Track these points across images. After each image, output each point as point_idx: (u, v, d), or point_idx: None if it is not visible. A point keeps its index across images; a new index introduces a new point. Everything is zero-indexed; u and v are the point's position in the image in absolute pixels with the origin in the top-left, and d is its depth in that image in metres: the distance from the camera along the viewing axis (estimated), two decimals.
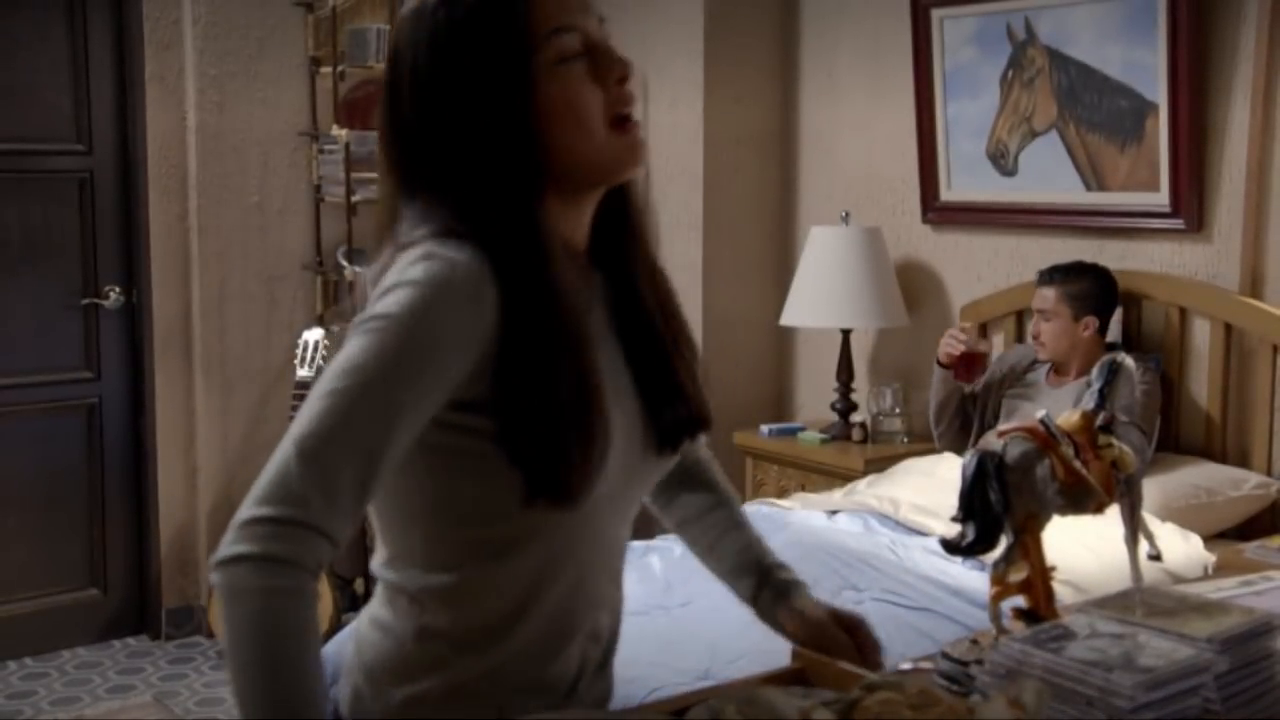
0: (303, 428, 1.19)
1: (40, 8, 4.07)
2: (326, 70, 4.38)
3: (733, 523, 1.62)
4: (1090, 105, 3.59)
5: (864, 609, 2.71)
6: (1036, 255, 3.72)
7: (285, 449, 1.19)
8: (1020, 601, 1.57)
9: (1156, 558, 1.80)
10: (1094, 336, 3.35)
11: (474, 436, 1.27)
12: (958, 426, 3.66)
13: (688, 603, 2.84)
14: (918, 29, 3.93)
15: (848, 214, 4.11)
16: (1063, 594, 1.86)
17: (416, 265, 1.24)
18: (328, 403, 1.20)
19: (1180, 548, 2.93)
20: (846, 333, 4.07)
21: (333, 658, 1.70)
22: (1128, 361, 1.75)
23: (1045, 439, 1.55)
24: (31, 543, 4.19)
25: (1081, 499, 1.55)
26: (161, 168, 4.21)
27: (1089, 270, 3.42)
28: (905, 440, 3.96)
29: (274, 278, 4.40)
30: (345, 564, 4.25)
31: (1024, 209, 3.80)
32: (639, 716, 1.47)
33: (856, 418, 4.04)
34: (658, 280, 1.44)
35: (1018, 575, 1.55)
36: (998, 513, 1.53)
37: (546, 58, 1.30)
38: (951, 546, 1.57)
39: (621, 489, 1.38)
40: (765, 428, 4.16)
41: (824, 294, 3.98)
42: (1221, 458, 3.35)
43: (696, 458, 1.63)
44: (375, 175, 2.34)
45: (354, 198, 4.31)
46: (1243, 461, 3.33)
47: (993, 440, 1.57)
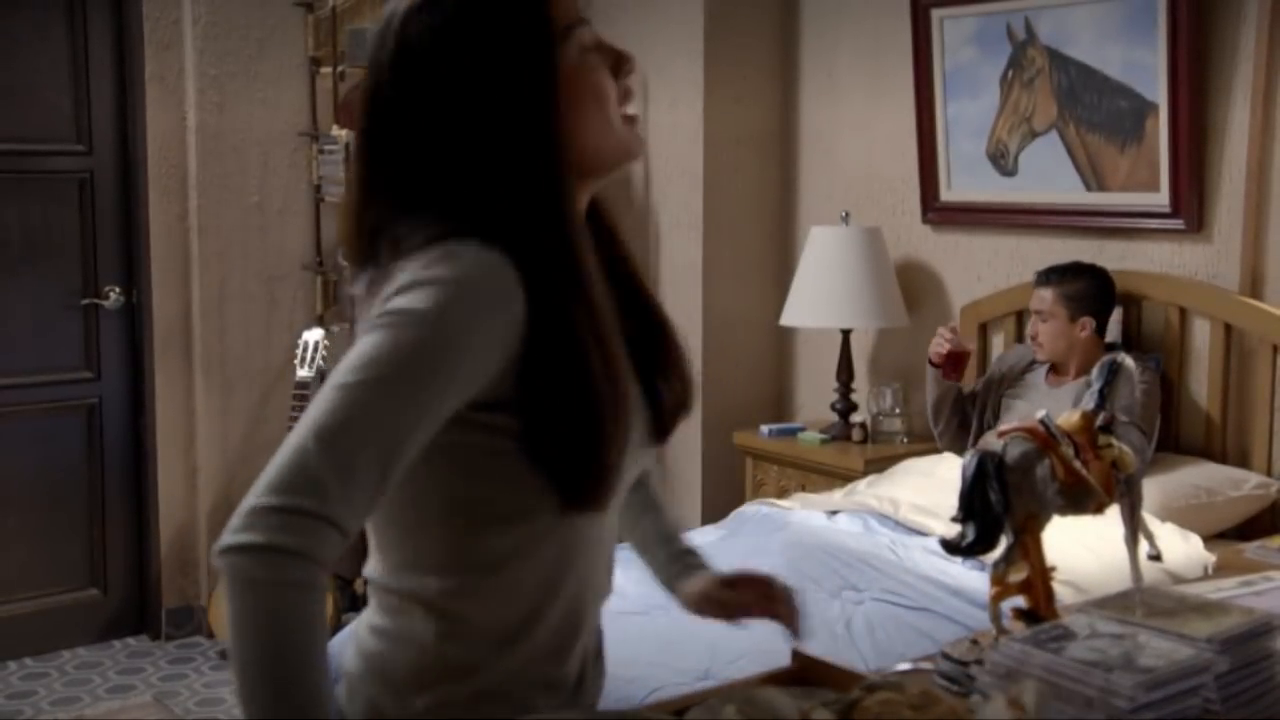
0: (321, 417, 1.16)
1: (40, 8, 4.06)
2: (326, 70, 4.38)
3: (652, 504, 1.64)
4: (1090, 105, 3.59)
5: (864, 609, 2.73)
6: (1036, 255, 3.72)
7: (301, 437, 1.15)
8: (1020, 602, 1.57)
9: (1156, 558, 1.80)
10: (1091, 337, 3.36)
11: (496, 435, 1.25)
12: (956, 425, 3.66)
13: None
14: (918, 29, 3.93)
15: (848, 214, 4.11)
16: (1063, 594, 1.86)
17: (440, 263, 1.21)
18: (348, 394, 1.16)
19: (1180, 548, 2.93)
20: (846, 333, 4.07)
21: (334, 658, 1.70)
22: (1128, 362, 1.75)
23: (1045, 439, 1.55)
24: (31, 543, 4.19)
25: (1081, 499, 1.55)
26: (161, 168, 4.21)
27: (1086, 271, 3.42)
28: (905, 440, 3.96)
29: (274, 278, 4.40)
30: (346, 564, 4.25)
31: (1024, 209, 3.80)
32: (639, 716, 1.47)
33: (856, 418, 4.04)
34: (634, 265, 1.45)
35: (1018, 575, 1.55)
36: (998, 513, 1.53)
37: (570, 48, 1.30)
38: (951, 547, 1.58)
39: (627, 478, 1.37)
40: (765, 428, 4.16)
41: (824, 294, 3.98)
42: (1221, 458, 3.35)
43: None
44: None
45: None
46: (1243, 461, 3.33)
47: (993, 440, 1.57)
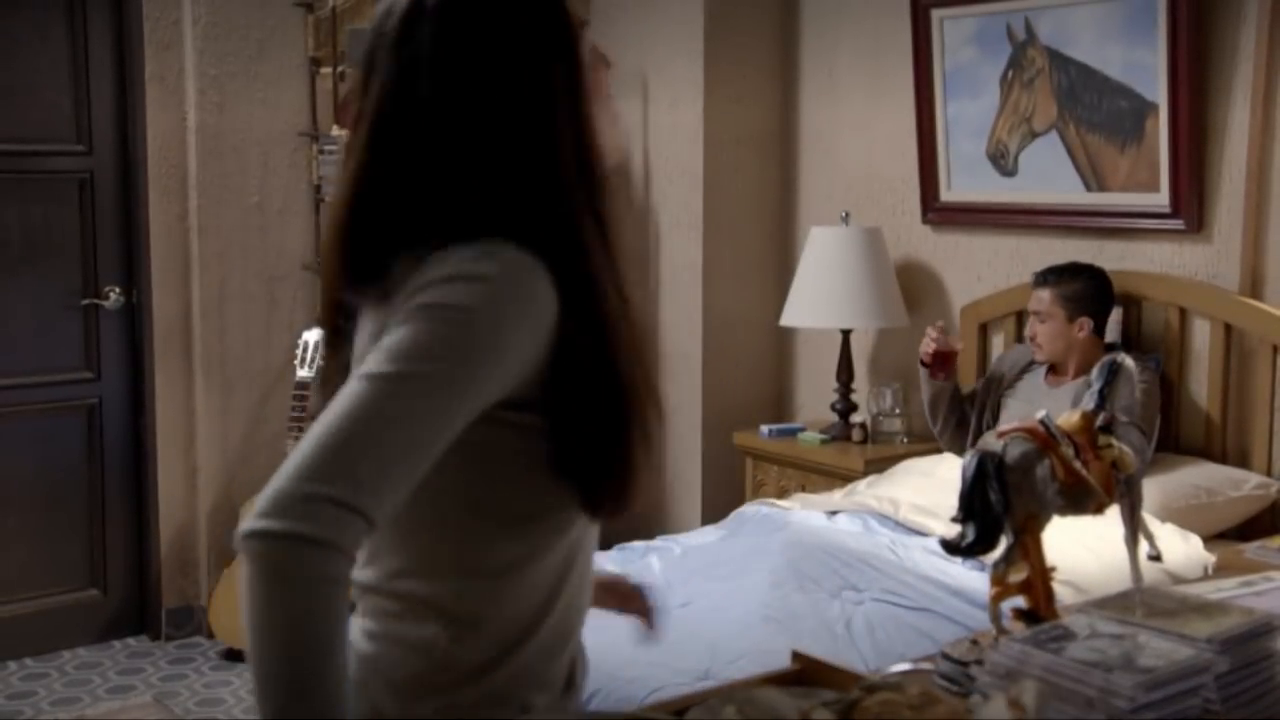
0: (359, 406, 1.13)
1: (40, 8, 4.06)
2: (326, 70, 4.37)
3: None
4: (1090, 105, 3.59)
5: (864, 609, 2.73)
6: (1036, 256, 3.72)
7: (338, 423, 1.13)
8: (1020, 602, 1.57)
9: (1156, 558, 1.80)
10: (1090, 337, 3.36)
11: (523, 435, 1.24)
12: (954, 424, 3.66)
13: (688, 603, 2.84)
14: (918, 29, 3.93)
15: (848, 214, 4.11)
16: (1063, 594, 1.86)
17: (480, 260, 1.20)
18: (387, 385, 1.14)
19: (1180, 548, 2.93)
20: (846, 333, 4.07)
21: None
22: (1128, 362, 1.75)
23: (1045, 439, 1.55)
24: (31, 543, 4.19)
25: (1081, 499, 1.56)
26: (161, 168, 4.21)
27: (1083, 271, 3.43)
28: (905, 440, 3.96)
29: (274, 278, 4.39)
30: None
31: (1024, 209, 3.80)
32: (639, 716, 1.47)
33: (856, 418, 4.03)
34: None
35: (1018, 575, 1.55)
36: (998, 513, 1.53)
37: (583, 46, 1.30)
38: (951, 547, 1.58)
39: None
40: (765, 428, 4.16)
41: (824, 294, 3.98)
42: (1221, 458, 3.35)
43: None
44: None
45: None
46: (1243, 462, 3.32)
47: (993, 441, 1.57)
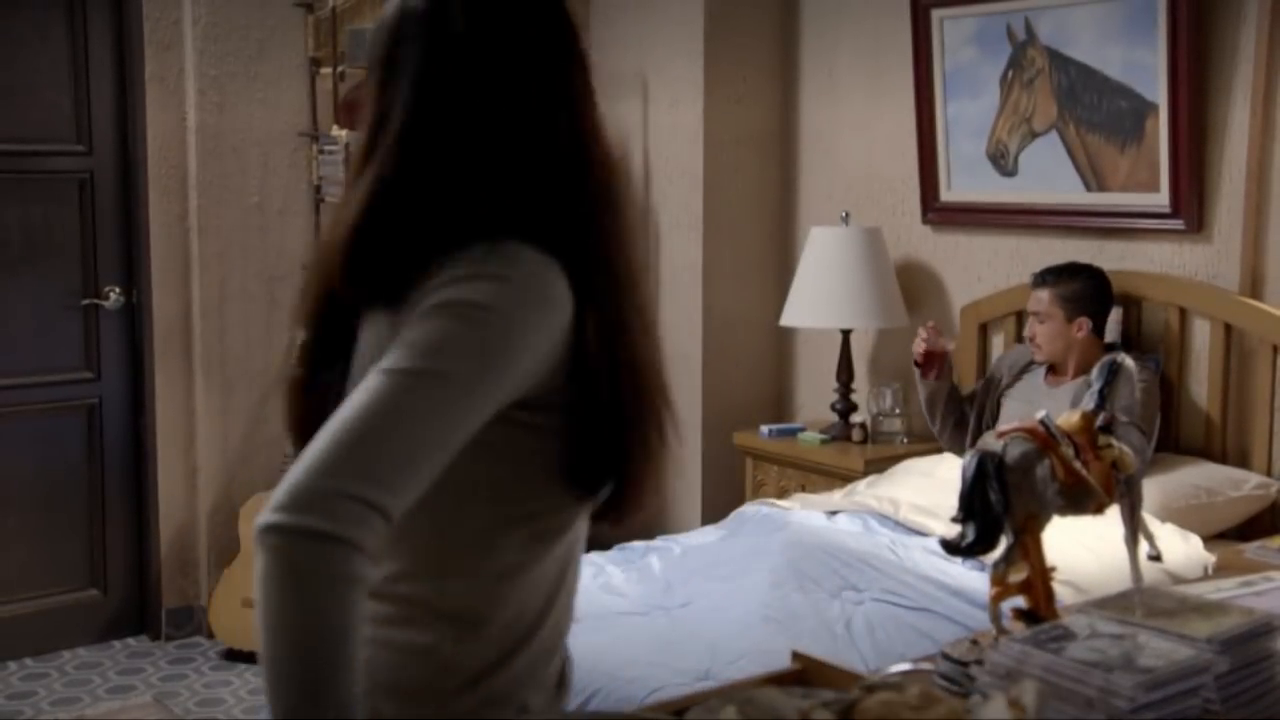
0: (382, 401, 1.12)
1: (40, 8, 4.06)
2: (326, 71, 4.37)
3: None
4: (1090, 105, 3.59)
5: (864, 609, 2.73)
6: (1036, 256, 3.72)
7: (361, 418, 1.12)
8: (1020, 602, 1.57)
9: (1156, 558, 1.80)
10: (1089, 337, 3.36)
11: (534, 434, 1.24)
12: (953, 424, 3.67)
13: (688, 603, 2.84)
14: (918, 29, 3.93)
15: (848, 214, 4.11)
16: (1063, 594, 1.86)
17: (500, 260, 1.21)
18: (410, 382, 1.14)
19: (1180, 548, 2.93)
20: (846, 333, 4.07)
21: None
22: (1128, 362, 1.75)
23: (1045, 439, 1.55)
24: (31, 543, 4.19)
25: (1081, 499, 1.56)
26: (161, 168, 4.21)
27: (1081, 271, 3.42)
28: (905, 441, 3.96)
29: (274, 278, 4.39)
30: None
31: (1024, 209, 3.80)
32: (639, 717, 1.47)
33: (856, 418, 4.03)
34: None
35: (1018, 576, 1.55)
36: (998, 513, 1.53)
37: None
38: (951, 547, 1.58)
39: None
40: (765, 428, 4.16)
41: (824, 294, 3.98)
42: (1221, 458, 3.35)
43: None
44: None
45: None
46: (1243, 462, 3.32)
47: (993, 441, 1.57)
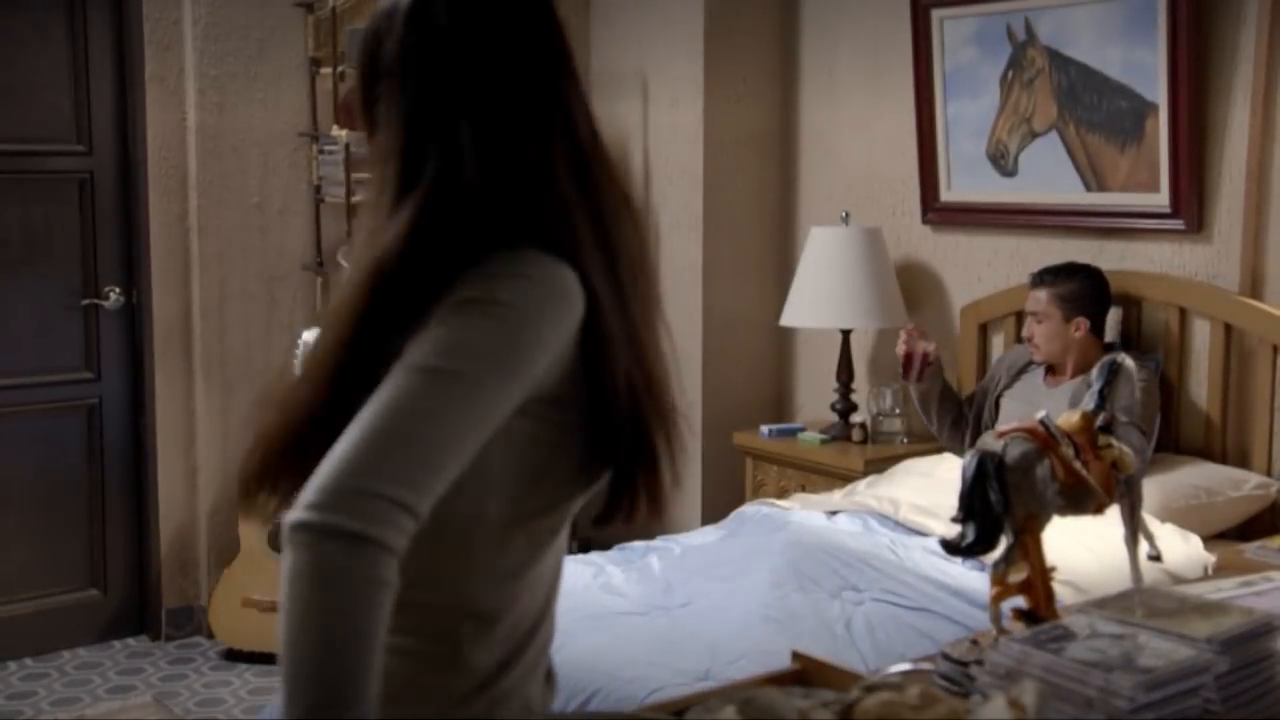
0: (412, 400, 1.13)
1: (40, 8, 4.06)
2: (326, 71, 4.37)
3: None
4: (1090, 106, 3.59)
5: (864, 609, 2.73)
6: (1036, 256, 3.72)
7: (392, 416, 1.12)
8: (1020, 602, 1.57)
9: (1156, 558, 1.80)
10: (1087, 336, 3.36)
11: (551, 429, 1.25)
12: (950, 423, 3.68)
13: (688, 603, 2.84)
14: (918, 29, 3.93)
15: (848, 214, 4.11)
16: (1063, 594, 1.86)
17: (519, 260, 1.21)
18: (439, 380, 1.14)
19: (1180, 548, 2.93)
20: (846, 333, 4.07)
21: None
22: (1128, 362, 1.75)
23: (1045, 439, 1.55)
24: (31, 543, 4.19)
25: (1081, 499, 1.56)
26: (161, 168, 4.21)
27: (1079, 271, 3.42)
28: (905, 441, 3.96)
29: (274, 278, 4.39)
30: None
31: (1024, 209, 3.80)
32: (639, 717, 1.47)
33: (856, 418, 4.03)
34: None
35: (1018, 576, 1.55)
36: (998, 513, 1.53)
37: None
38: (951, 547, 1.58)
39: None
40: (765, 428, 4.16)
41: (824, 294, 3.98)
42: (1221, 458, 3.35)
43: None
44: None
45: (354, 198, 4.30)
46: (1243, 462, 3.32)
47: (993, 441, 1.57)
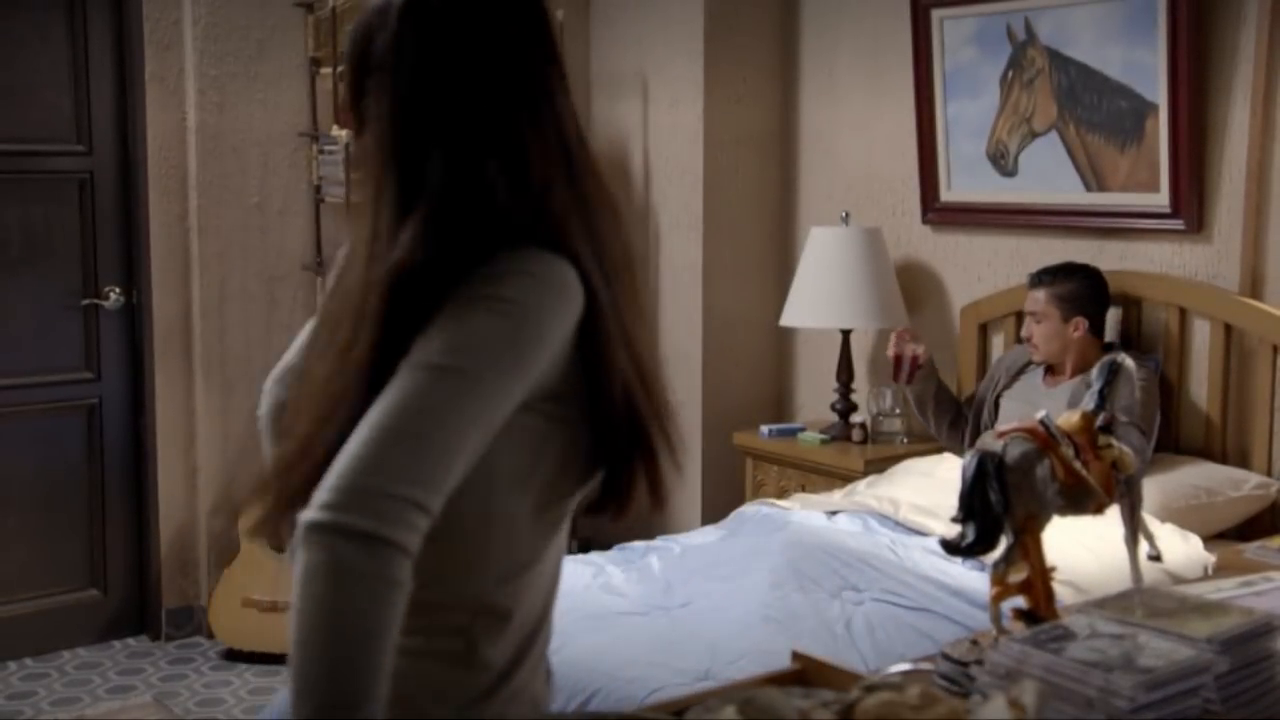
0: (424, 398, 1.13)
1: (40, 8, 4.06)
2: (326, 71, 4.37)
3: None
4: (1090, 106, 3.59)
5: (864, 609, 2.73)
6: (1036, 256, 3.72)
7: (405, 415, 1.12)
8: (1020, 602, 1.57)
9: (1156, 558, 1.80)
10: (1085, 336, 3.36)
11: (556, 423, 1.25)
12: (948, 424, 3.68)
13: (688, 603, 2.84)
14: (918, 29, 3.93)
15: (848, 214, 4.11)
16: (1063, 594, 1.86)
17: (524, 257, 1.22)
18: (452, 379, 1.15)
19: (1180, 548, 2.93)
20: (846, 333, 4.07)
21: None
22: (1128, 362, 1.75)
23: (1045, 439, 1.55)
24: (31, 543, 4.19)
25: (1081, 499, 1.55)
26: (161, 168, 4.21)
27: (1077, 271, 3.42)
28: (905, 441, 3.96)
29: (274, 278, 4.39)
30: None
31: (1024, 209, 3.80)
32: (639, 716, 1.47)
33: (856, 418, 4.03)
34: None
35: (1018, 576, 1.55)
36: (998, 513, 1.53)
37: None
38: (951, 547, 1.58)
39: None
40: (765, 428, 4.16)
41: (824, 294, 3.98)
42: (1221, 458, 3.35)
43: None
44: None
45: (354, 198, 4.31)
46: (1243, 462, 3.32)
47: (993, 441, 1.57)
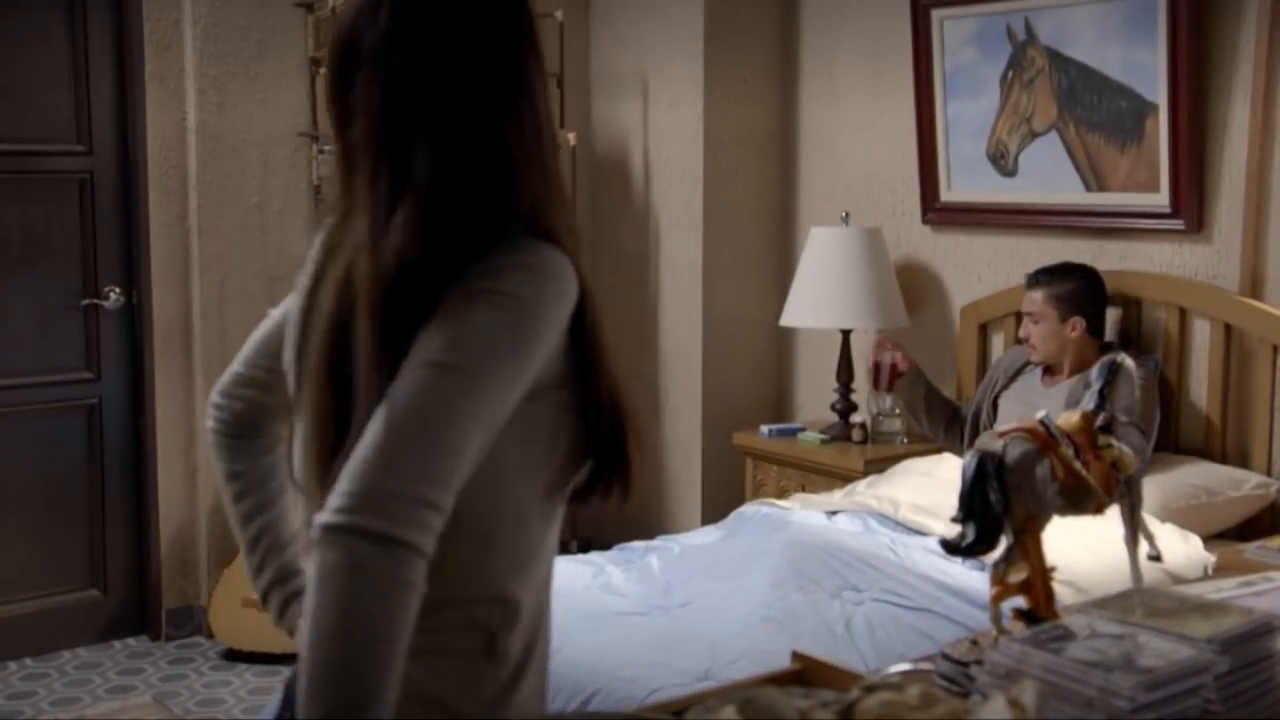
0: (432, 395, 1.14)
1: (40, 8, 4.06)
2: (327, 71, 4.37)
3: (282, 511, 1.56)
4: (1090, 106, 3.59)
5: (864, 609, 2.73)
6: (1036, 256, 3.72)
7: (417, 414, 1.13)
8: (1020, 602, 1.57)
9: (1156, 558, 1.80)
10: (1083, 336, 3.36)
11: (556, 411, 1.26)
12: (944, 427, 3.69)
13: (688, 603, 2.84)
14: (918, 29, 3.93)
15: (848, 214, 4.11)
16: (1063, 594, 1.86)
17: (523, 251, 1.23)
18: (461, 376, 1.15)
19: (1180, 548, 2.93)
20: (846, 333, 4.07)
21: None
22: (1128, 362, 1.75)
23: (1045, 439, 1.55)
24: (31, 543, 4.19)
25: (1081, 499, 1.55)
26: (161, 168, 4.21)
27: (1074, 271, 3.42)
28: (905, 441, 3.96)
29: (274, 278, 4.39)
30: None
31: (1024, 209, 3.80)
32: (639, 716, 1.47)
33: (856, 418, 4.03)
34: None
35: (1018, 576, 1.55)
36: (998, 513, 1.53)
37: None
38: (951, 547, 1.58)
39: None
40: (765, 428, 4.16)
41: (824, 294, 3.98)
42: (1221, 458, 3.35)
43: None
44: None
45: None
46: (1243, 461, 3.32)
47: (993, 441, 1.57)
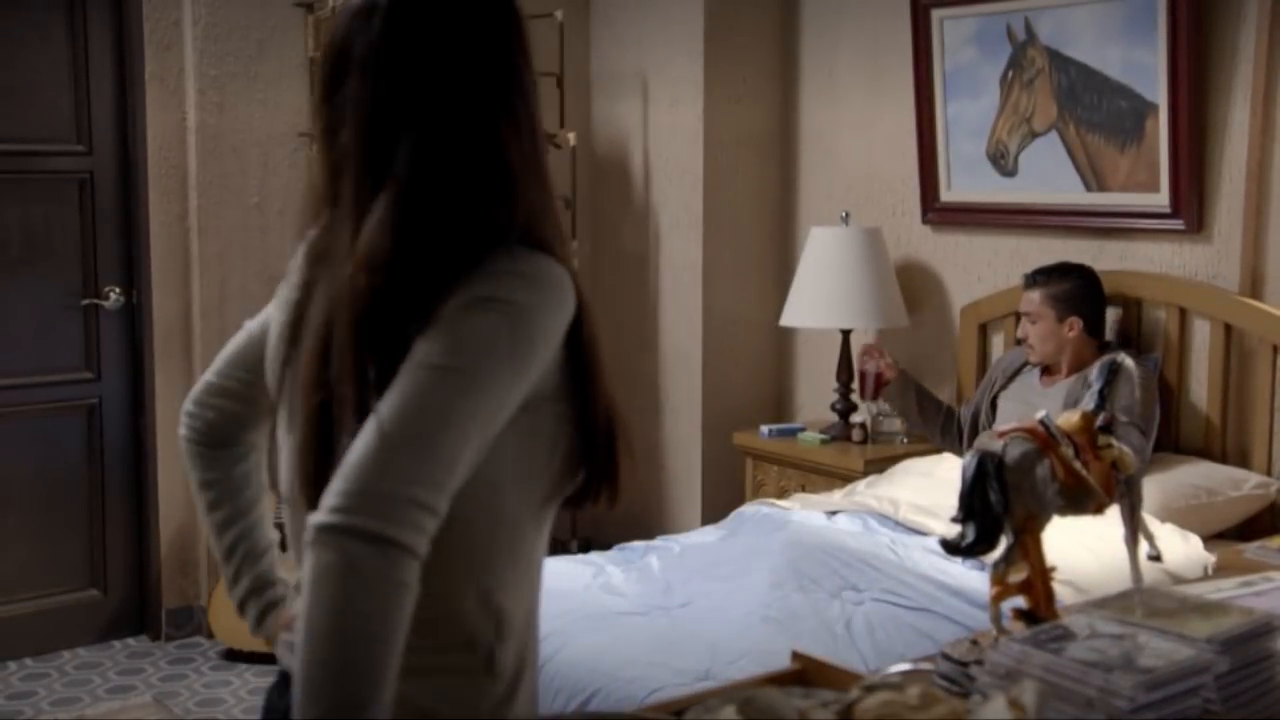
0: (430, 398, 1.14)
1: (40, 8, 4.06)
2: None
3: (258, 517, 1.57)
4: (1090, 106, 3.59)
5: (864, 609, 2.73)
6: (1036, 256, 3.72)
7: (415, 417, 1.13)
8: (1020, 602, 1.57)
9: (1156, 558, 1.80)
10: (1080, 336, 3.36)
11: (551, 420, 1.26)
12: (939, 429, 3.70)
13: (688, 603, 2.84)
14: (918, 29, 3.93)
15: (848, 214, 4.11)
16: (1063, 594, 1.86)
17: (522, 259, 1.23)
18: (459, 380, 1.15)
19: (1180, 548, 2.93)
20: (846, 333, 4.07)
21: None
22: (1128, 362, 1.76)
23: (1045, 439, 1.55)
24: (31, 543, 4.19)
25: (1081, 499, 1.55)
26: (161, 168, 4.21)
27: (1071, 271, 3.42)
28: (905, 441, 3.96)
29: (274, 278, 4.34)
30: None
31: (1024, 209, 3.80)
32: (639, 717, 1.47)
33: (856, 418, 4.03)
34: None
35: (1018, 576, 1.55)
36: (998, 513, 1.53)
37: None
38: (951, 547, 1.58)
39: None
40: (765, 428, 4.16)
41: (824, 294, 3.98)
42: (1221, 458, 3.35)
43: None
44: None
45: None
46: (1243, 461, 3.32)
47: (993, 441, 1.57)
